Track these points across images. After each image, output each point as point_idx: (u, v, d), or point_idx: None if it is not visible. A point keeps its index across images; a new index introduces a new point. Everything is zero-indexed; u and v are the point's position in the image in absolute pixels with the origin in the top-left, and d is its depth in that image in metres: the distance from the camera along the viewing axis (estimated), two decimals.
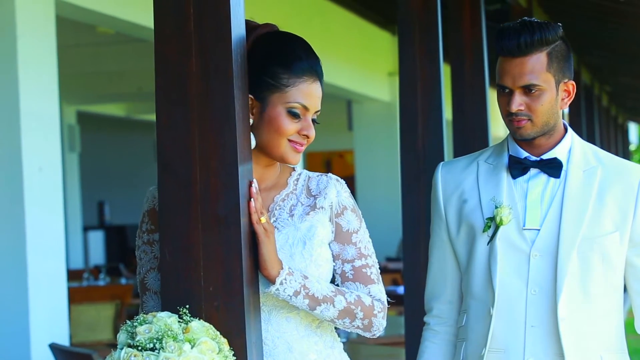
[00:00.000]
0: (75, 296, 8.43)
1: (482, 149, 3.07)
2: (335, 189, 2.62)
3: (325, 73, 2.64)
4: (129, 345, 2.25)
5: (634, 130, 39.70)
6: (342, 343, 2.71)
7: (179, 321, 2.29)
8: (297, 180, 2.65)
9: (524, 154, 2.91)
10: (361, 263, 2.61)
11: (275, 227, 2.53)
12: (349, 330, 2.60)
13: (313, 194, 2.62)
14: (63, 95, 8.35)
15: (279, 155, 2.57)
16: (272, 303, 2.53)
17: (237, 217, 2.36)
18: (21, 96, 6.11)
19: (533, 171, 2.90)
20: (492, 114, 5.74)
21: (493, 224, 2.86)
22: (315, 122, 2.60)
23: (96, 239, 16.39)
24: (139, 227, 2.64)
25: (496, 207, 2.86)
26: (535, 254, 2.85)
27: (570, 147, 2.92)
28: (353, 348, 5.71)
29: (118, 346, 2.28)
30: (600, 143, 17.29)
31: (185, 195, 2.38)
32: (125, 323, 2.31)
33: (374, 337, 2.65)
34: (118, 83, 13.08)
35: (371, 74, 13.49)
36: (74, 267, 13.17)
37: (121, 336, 2.28)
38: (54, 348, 5.86)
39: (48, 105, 6.40)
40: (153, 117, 2.84)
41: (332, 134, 16.53)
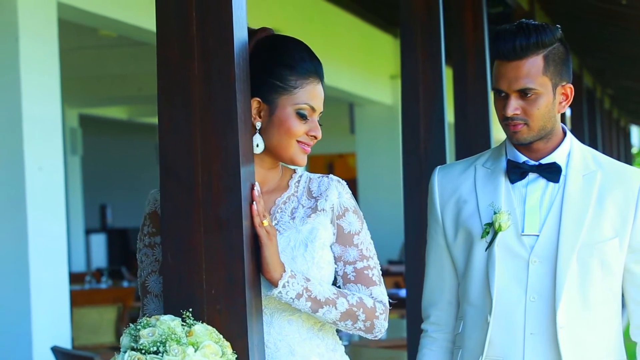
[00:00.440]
0: (78, 299, 8.42)
1: (479, 153, 3.03)
2: (336, 190, 2.62)
3: (327, 76, 2.65)
4: (133, 349, 2.25)
5: (636, 134, 39.69)
6: (344, 346, 2.71)
7: (182, 324, 2.29)
8: (298, 182, 2.65)
9: (523, 158, 2.87)
10: (363, 265, 2.61)
11: (277, 230, 2.53)
12: (351, 332, 2.60)
13: (314, 195, 2.62)
14: (65, 98, 8.36)
15: (288, 156, 2.58)
16: (274, 306, 2.53)
17: (240, 220, 2.36)
18: (23, 99, 6.11)
19: (532, 176, 2.86)
20: (494, 117, 5.72)
21: (491, 229, 2.82)
22: (319, 124, 2.61)
23: (98, 242, 16.41)
24: (140, 230, 2.65)
25: (495, 213, 2.82)
26: (534, 260, 2.81)
27: (569, 151, 2.88)
28: (355, 351, 5.71)
29: (121, 349, 2.28)
30: (603, 146, 17.28)
31: (188, 198, 2.38)
32: (128, 326, 2.31)
33: (376, 339, 2.65)
34: (120, 86, 13.09)
35: (373, 77, 13.50)
36: (76, 270, 13.16)
37: (124, 339, 2.28)
38: (56, 351, 5.86)
39: (50, 108, 6.40)
40: (155, 120, 2.84)
41: (335, 136, 16.52)
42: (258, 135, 2.54)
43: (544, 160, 2.86)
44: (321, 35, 10.93)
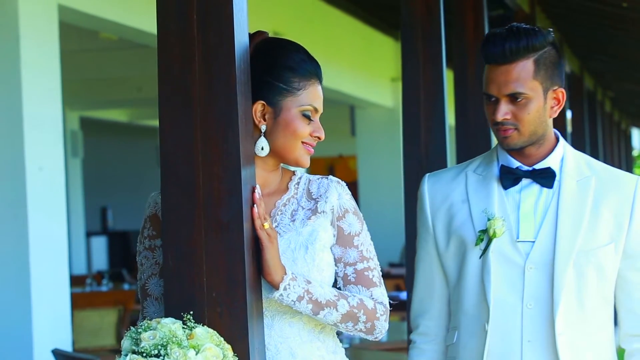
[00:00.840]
0: (78, 302, 8.42)
1: (469, 160, 2.99)
2: (336, 191, 2.63)
3: (328, 79, 2.65)
4: (134, 352, 2.25)
5: (637, 136, 39.68)
6: (345, 348, 2.71)
7: (183, 327, 2.29)
8: (298, 184, 2.65)
9: (516, 163, 2.84)
10: (363, 266, 2.61)
11: (277, 232, 2.53)
12: (352, 334, 2.60)
13: (314, 197, 2.62)
14: (66, 101, 8.35)
15: (293, 158, 2.58)
16: (275, 308, 2.53)
17: (240, 223, 2.36)
18: (24, 102, 6.11)
19: (525, 181, 2.83)
20: None
21: (486, 236, 2.79)
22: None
23: (99, 244, 16.41)
24: (140, 233, 2.65)
25: (489, 219, 2.79)
26: (531, 267, 2.79)
27: (562, 157, 2.85)
28: (356, 354, 5.71)
29: (122, 352, 2.27)
30: (604, 149, 17.28)
31: (188, 201, 2.38)
32: (129, 329, 2.30)
33: (377, 340, 2.65)
34: (121, 88, 13.09)
35: (374, 80, 13.50)
36: (77, 273, 13.17)
37: (125, 342, 2.28)
38: (57, 354, 5.86)
39: (51, 110, 6.41)
40: (156, 123, 2.84)
41: (335, 139, 16.53)
42: (263, 138, 2.54)
43: (537, 166, 2.83)
44: (322, 38, 10.93)
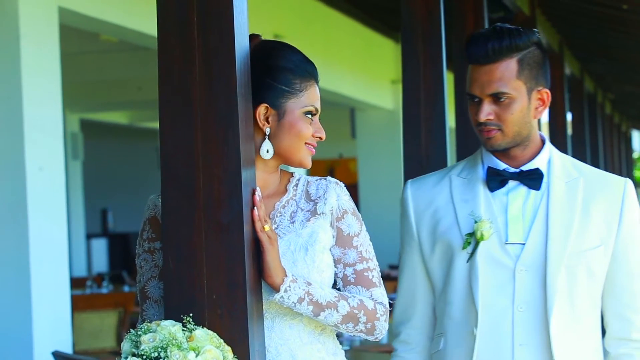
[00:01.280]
0: (79, 304, 8.42)
1: (451, 165, 2.95)
2: (335, 192, 2.63)
3: (328, 81, 2.66)
4: (134, 354, 2.25)
5: (637, 138, 39.69)
6: (345, 350, 2.71)
7: (183, 329, 2.29)
8: (296, 185, 2.66)
9: (503, 165, 2.81)
10: (363, 266, 2.61)
11: (277, 234, 2.53)
12: (352, 335, 2.60)
13: (313, 198, 2.63)
14: (66, 103, 8.36)
15: (297, 159, 2.58)
16: (276, 310, 2.53)
17: (241, 225, 2.36)
18: (24, 104, 6.12)
19: (512, 184, 2.80)
20: None
21: (473, 239, 2.76)
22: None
23: (99, 246, 16.42)
24: (140, 235, 2.64)
25: (475, 222, 2.76)
26: (521, 269, 2.76)
27: (549, 159, 2.83)
28: (356, 355, 5.71)
29: (122, 355, 2.27)
30: (604, 151, 17.29)
31: (189, 203, 2.38)
32: (129, 331, 2.30)
33: (377, 340, 2.65)
34: (121, 91, 13.10)
35: (374, 82, 13.50)
36: (77, 275, 13.18)
37: (125, 345, 2.28)
38: (57, 356, 5.86)
39: (51, 113, 6.41)
40: (156, 125, 2.84)
41: (336, 141, 16.55)
42: (267, 141, 2.55)
43: (525, 167, 2.81)
44: (322, 40, 10.93)
